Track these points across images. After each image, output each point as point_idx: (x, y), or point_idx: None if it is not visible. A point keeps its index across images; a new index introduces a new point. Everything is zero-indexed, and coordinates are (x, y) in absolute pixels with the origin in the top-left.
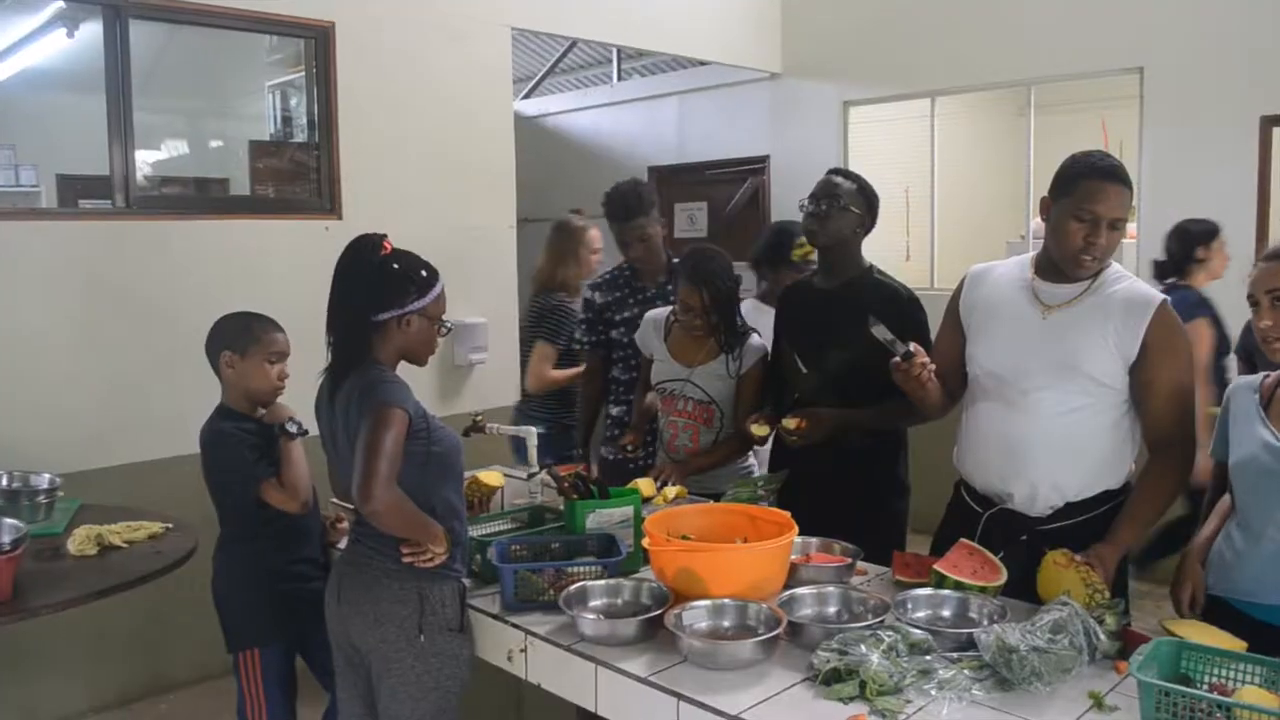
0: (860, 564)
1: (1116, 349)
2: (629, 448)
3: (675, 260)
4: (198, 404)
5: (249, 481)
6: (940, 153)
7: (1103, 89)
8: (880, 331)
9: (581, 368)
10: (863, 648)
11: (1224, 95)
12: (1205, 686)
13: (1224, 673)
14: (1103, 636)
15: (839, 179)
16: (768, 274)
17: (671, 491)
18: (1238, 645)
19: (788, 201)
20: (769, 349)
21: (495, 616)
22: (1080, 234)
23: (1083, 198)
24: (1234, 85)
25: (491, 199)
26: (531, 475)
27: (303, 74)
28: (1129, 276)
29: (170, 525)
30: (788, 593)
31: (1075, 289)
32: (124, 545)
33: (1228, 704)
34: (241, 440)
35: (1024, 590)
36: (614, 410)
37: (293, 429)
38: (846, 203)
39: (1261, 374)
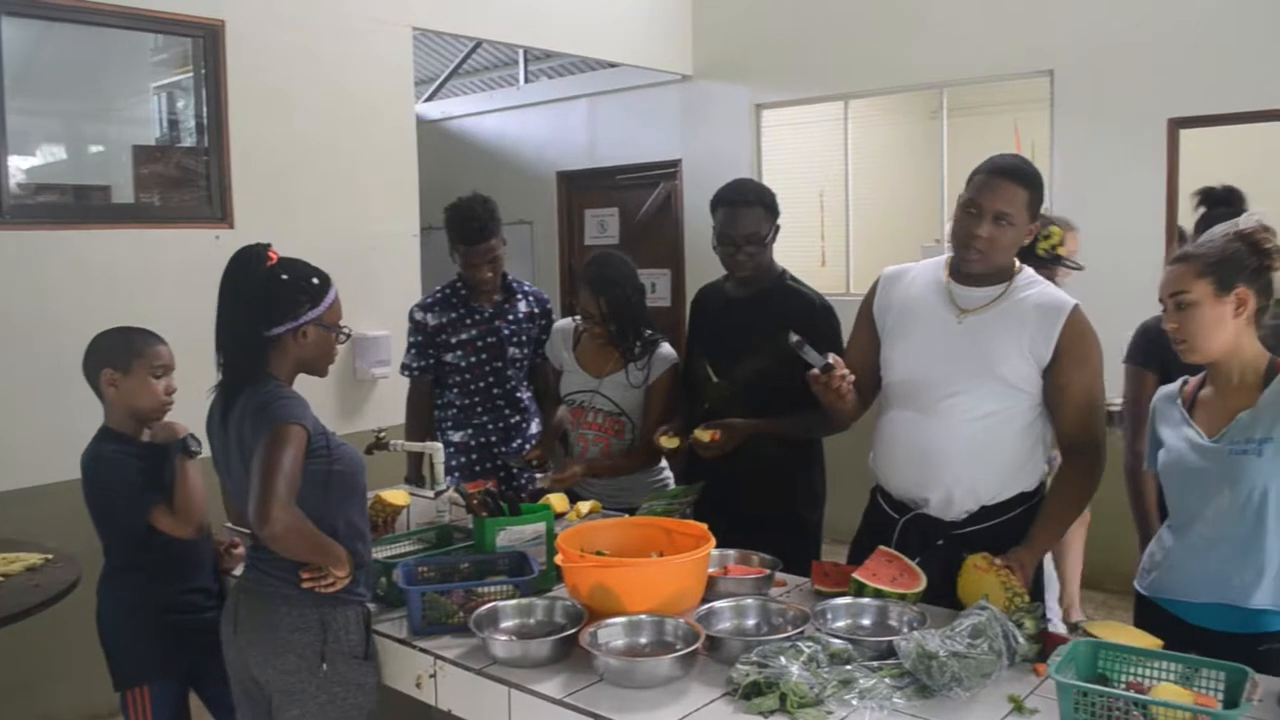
0: (779, 575)
1: (1031, 353)
2: (534, 462)
3: (512, 280)
4: (78, 426)
5: (136, 507)
6: (854, 156)
7: (1015, 92)
8: (798, 344)
9: None
10: (782, 659)
11: (1132, 98)
12: (1122, 685)
13: (1141, 671)
14: (1021, 640)
15: (757, 210)
16: None
17: (585, 506)
18: (1154, 644)
19: (701, 206)
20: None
21: (402, 641)
22: (964, 225)
23: (971, 190)
24: (1142, 88)
25: (393, 206)
26: (439, 493)
27: (191, 75)
28: (1041, 281)
29: (50, 556)
30: (706, 606)
31: (990, 293)
32: None
33: (1144, 701)
34: (126, 464)
35: (942, 595)
36: (455, 437)
37: (194, 446)
38: (766, 233)
39: (1180, 381)
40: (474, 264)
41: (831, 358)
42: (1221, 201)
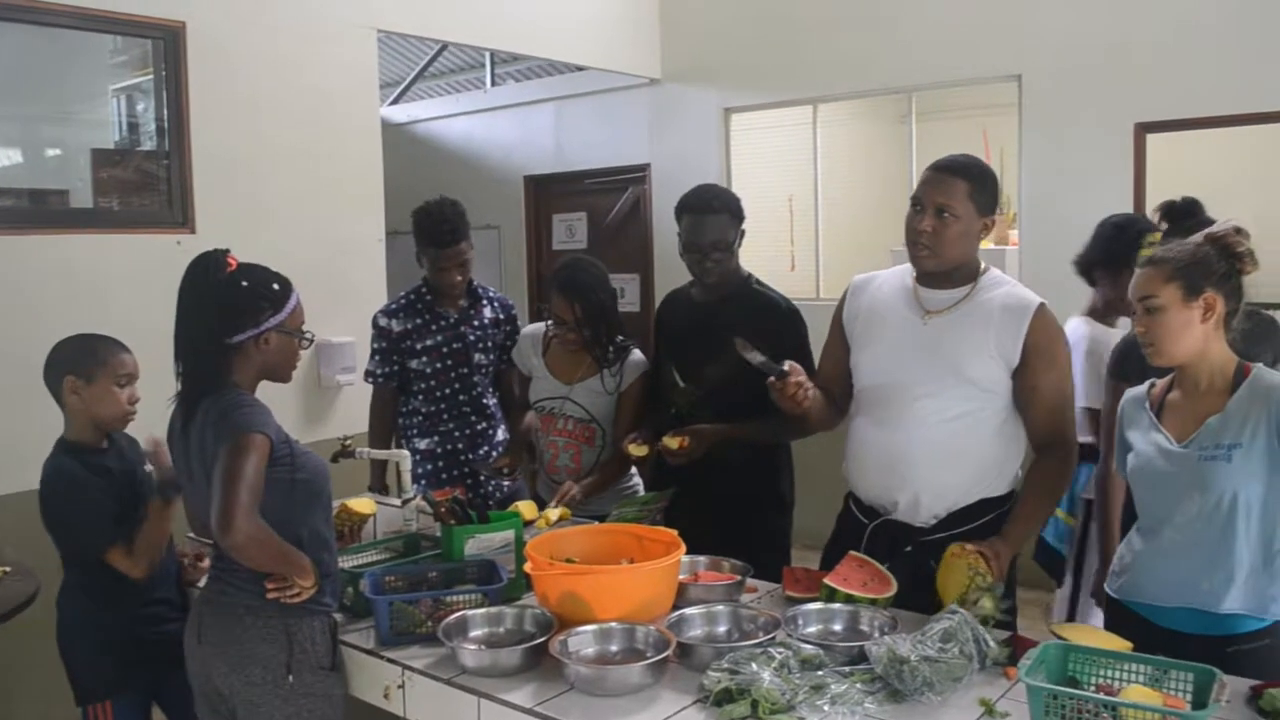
0: (750, 581)
1: (998, 353)
2: (505, 470)
3: (477, 286)
4: (37, 435)
5: (95, 538)
6: (823, 161)
7: (983, 96)
8: (750, 353)
9: None
10: (754, 666)
11: (1100, 103)
12: (1092, 688)
13: (1110, 673)
14: (992, 643)
15: (723, 219)
16: (1106, 280)
17: (554, 514)
18: (1123, 646)
19: (670, 211)
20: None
21: (370, 652)
22: (910, 222)
23: (917, 186)
24: (1109, 93)
25: (358, 210)
26: (405, 501)
27: (151, 77)
28: (1008, 281)
29: (8, 569)
30: (676, 613)
31: (955, 294)
32: None
33: (1113, 703)
34: (88, 485)
35: (911, 601)
36: (420, 444)
37: (172, 493)
38: (732, 239)
39: (1147, 383)
40: (444, 268)
41: (787, 364)
42: (1185, 214)
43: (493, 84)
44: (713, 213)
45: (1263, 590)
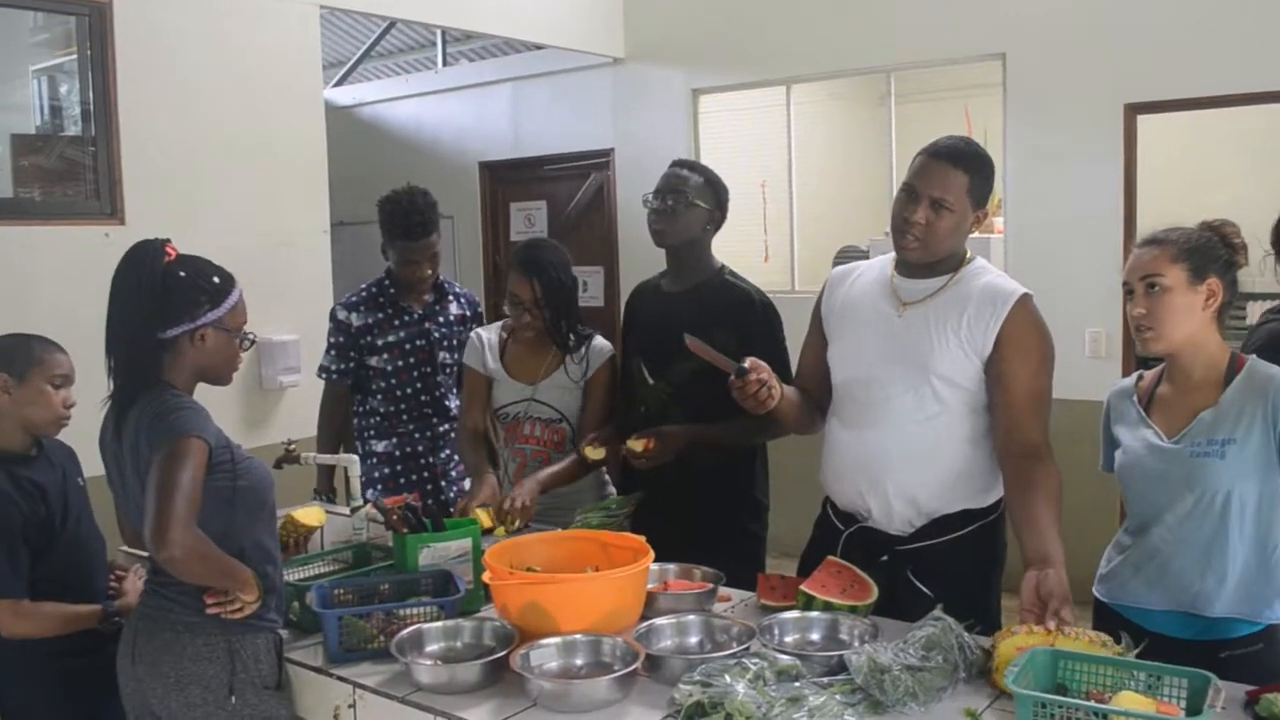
0: (723, 590)
1: (968, 343)
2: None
3: (443, 280)
4: None
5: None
6: (798, 145)
7: (965, 76)
8: (701, 348)
9: None
10: (727, 678)
11: (1088, 83)
12: (1082, 695)
13: (1101, 680)
14: (977, 650)
15: (685, 171)
16: None
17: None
18: (1115, 651)
19: (635, 199)
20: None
21: (318, 670)
22: (900, 210)
23: (910, 172)
24: (1097, 72)
25: (301, 200)
26: (355, 509)
27: (75, 57)
28: (992, 271)
29: None
30: (645, 624)
31: (934, 284)
32: None
33: (1104, 711)
34: (8, 511)
35: (890, 609)
36: (378, 447)
37: (109, 627)
38: (694, 198)
39: (1135, 375)
40: (414, 261)
41: (748, 361)
42: None
43: (445, 64)
44: (685, 168)
45: (1257, 593)
